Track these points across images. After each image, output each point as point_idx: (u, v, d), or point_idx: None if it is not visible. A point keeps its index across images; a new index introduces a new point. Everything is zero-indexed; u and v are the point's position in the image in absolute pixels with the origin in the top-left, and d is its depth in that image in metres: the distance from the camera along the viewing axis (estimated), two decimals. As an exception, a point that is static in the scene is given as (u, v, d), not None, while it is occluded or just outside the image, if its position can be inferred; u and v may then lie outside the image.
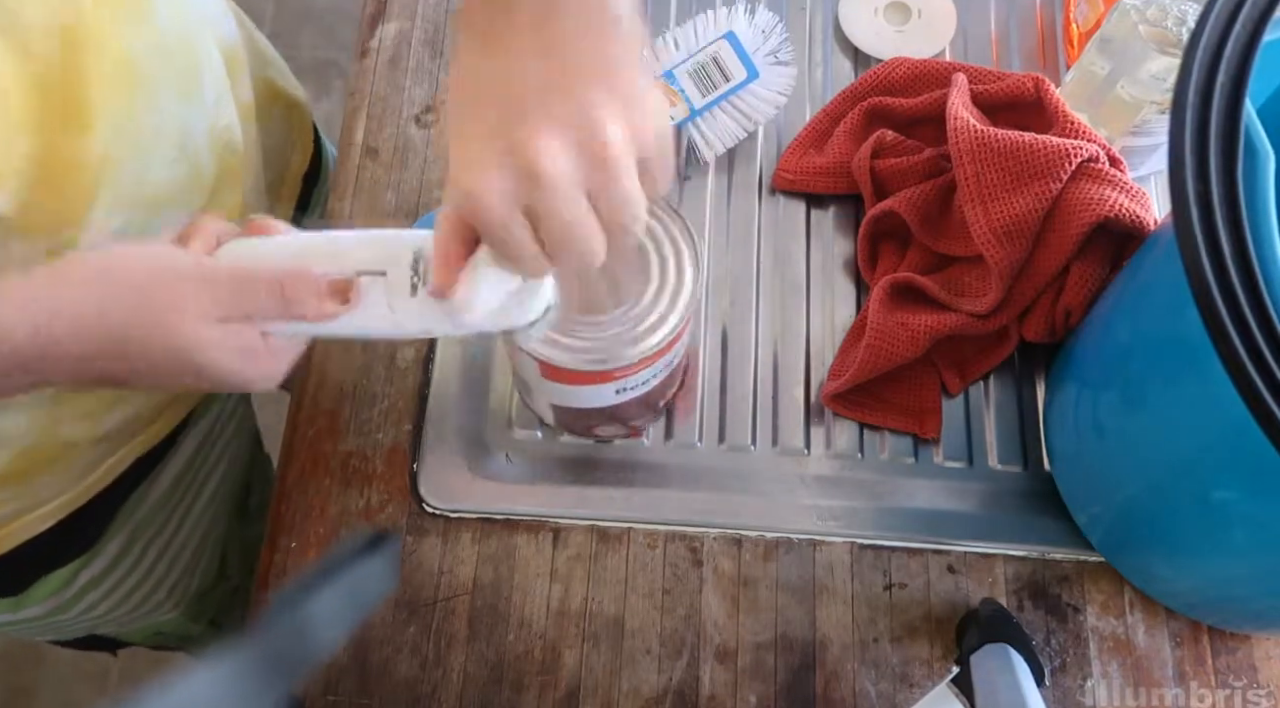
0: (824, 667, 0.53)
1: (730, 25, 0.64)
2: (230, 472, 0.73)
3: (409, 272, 0.39)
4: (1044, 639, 0.54)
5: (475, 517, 0.56)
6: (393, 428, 0.58)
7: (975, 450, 0.58)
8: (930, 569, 0.55)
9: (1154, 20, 0.55)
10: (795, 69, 0.65)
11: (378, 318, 0.39)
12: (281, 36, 1.65)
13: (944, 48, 0.69)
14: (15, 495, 0.53)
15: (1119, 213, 0.52)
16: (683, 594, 0.55)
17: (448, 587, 0.55)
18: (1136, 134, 0.60)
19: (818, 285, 0.63)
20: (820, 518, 0.56)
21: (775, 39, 0.64)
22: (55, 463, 0.53)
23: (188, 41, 0.50)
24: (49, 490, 0.55)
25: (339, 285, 0.39)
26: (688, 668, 0.53)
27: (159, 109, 0.47)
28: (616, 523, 0.56)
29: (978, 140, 0.56)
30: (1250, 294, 0.33)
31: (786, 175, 0.64)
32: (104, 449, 0.56)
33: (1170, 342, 0.44)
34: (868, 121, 0.64)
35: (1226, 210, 0.34)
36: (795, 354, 0.61)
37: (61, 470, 0.54)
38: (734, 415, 0.59)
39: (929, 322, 0.56)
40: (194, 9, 0.51)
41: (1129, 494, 0.51)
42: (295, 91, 0.70)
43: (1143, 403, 0.47)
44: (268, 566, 0.56)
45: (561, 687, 0.53)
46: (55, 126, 0.40)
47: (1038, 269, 0.56)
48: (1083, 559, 0.55)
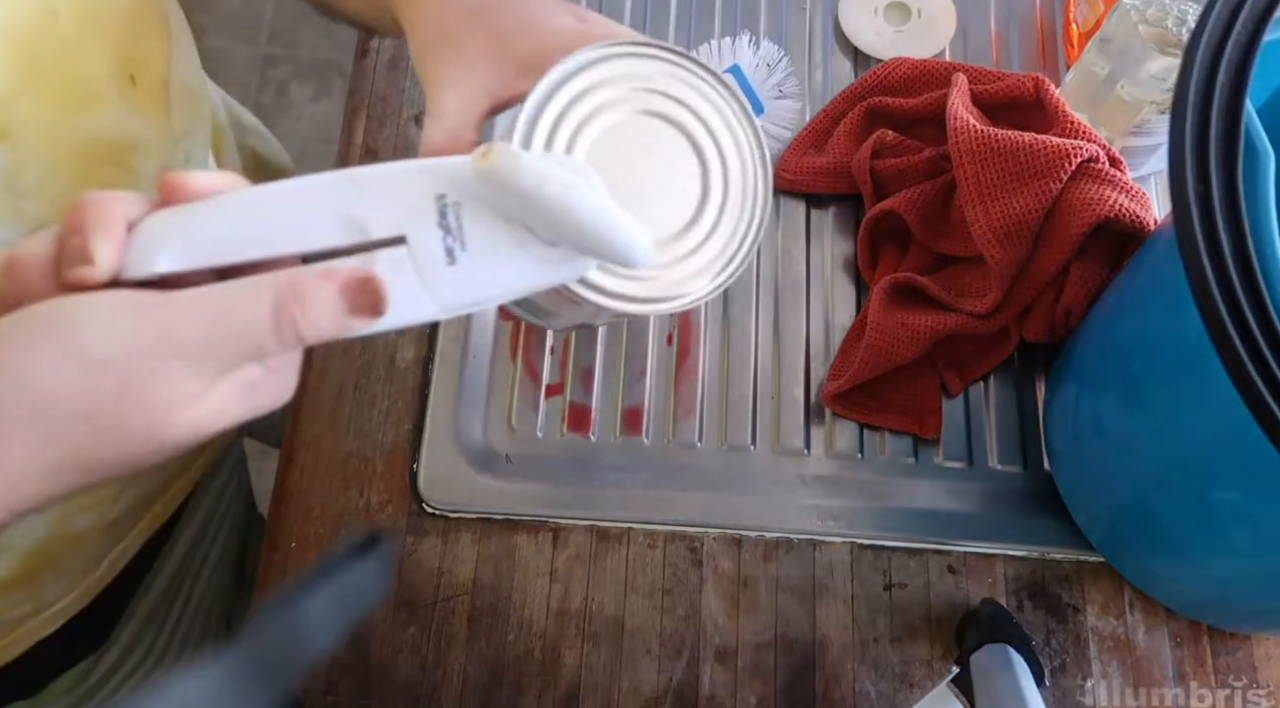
0: (824, 667, 0.53)
1: (735, 58, 0.64)
2: (229, 539, 0.72)
3: (437, 232, 0.29)
4: (1044, 639, 0.54)
5: (475, 517, 0.56)
6: (393, 428, 0.58)
7: (975, 450, 0.58)
8: (930, 569, 0.55)
9: (1154, 20, 0.55)
10: (800, 103, 0.65)
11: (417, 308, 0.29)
12: (281, 36, 1.65)
13: (944, 48, 0.69)
14: (25, 599, 0.51)
15: (1119, 213, 0.52)
16: (683, 594, 0.55)
17: (448, 587, 0.55)
18: (1136, 134, 0.60)
19: (818, 285, 0.63)
20: (820, 518, 0.56)
21: (780, 73, 0.64)
22: (62, 560, 0.52)
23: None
24: (57, 590, 0.53)
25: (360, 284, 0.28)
26: (687, 668, 0.53)
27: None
28: (616, 523, 0.56)
29: (978, 140, 0.56)
30: (1250, 294, 0.33)
31: (786, 175, 0.64)
32: (111, 538, 0.55)
33: (1170, 342, 0.44)
34: (868, 121, 0.64)
35: (1226, 210, 0.34)
36: (795, 354, 0.61)
37: (68, 567, 0.53)
38: (734, 415, 0.59)
39: (929, 322, 0.56)
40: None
41: (1129, 494, 0.51)
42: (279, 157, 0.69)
43: (1143, 403, 0.47)
44: (268, 566, 0.56)
45: (561, 687, 0.53)
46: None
47: (1038, 269, 0.56)
48: (1083, 559, 0.55)
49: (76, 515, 0.50)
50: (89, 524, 0.51)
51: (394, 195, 0.29)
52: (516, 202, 0.29)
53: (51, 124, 0.39)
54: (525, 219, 0.30)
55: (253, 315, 0.27)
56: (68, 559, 0.52)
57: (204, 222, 0.28)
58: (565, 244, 0.30)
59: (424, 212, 0.29)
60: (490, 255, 0.30)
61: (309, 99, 1.61)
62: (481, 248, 0.30)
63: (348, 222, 0.29)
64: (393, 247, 0.29)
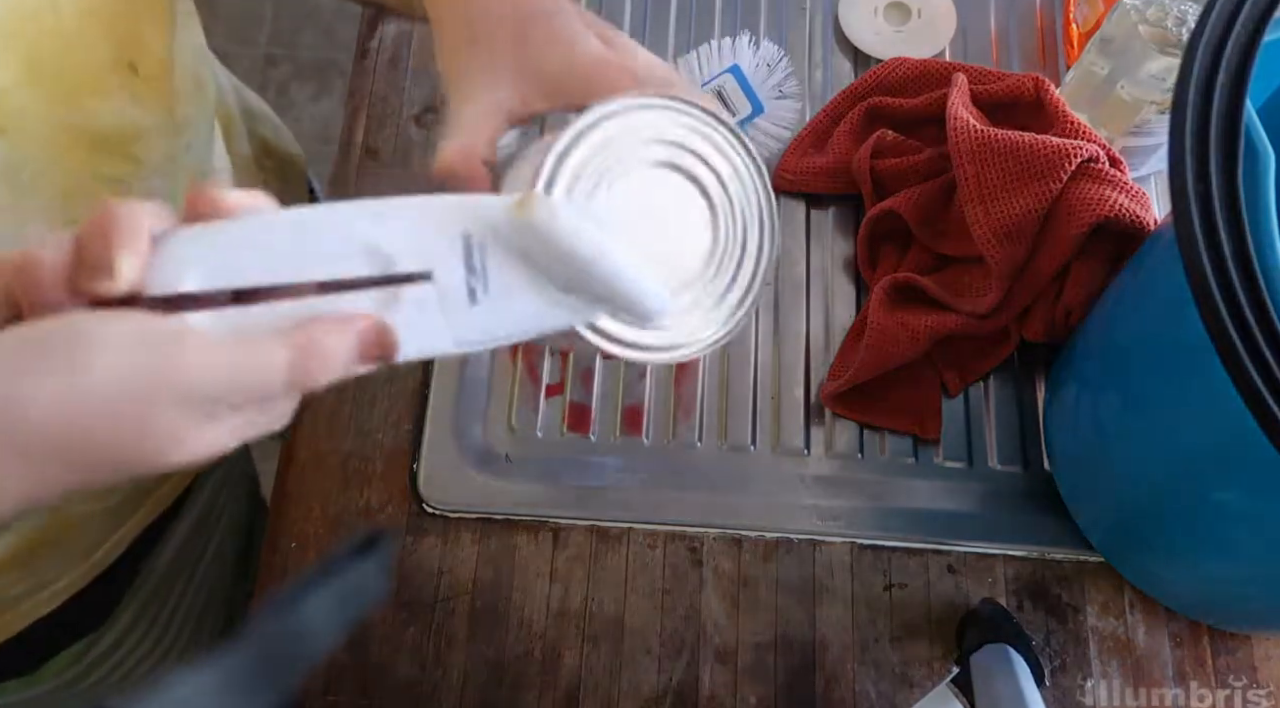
0: (824, 667, 0.53)
1: (735, 58, 0.64)
2: (232, 526, 0.72)
3: (461, 271, 0.30)
4: (1044, 639, 0.54)
5: (475, 517, 0.56)
6: (393, 428, 0.58)
7: (975, 450, 0.58)
8: (930, 569, 0.55)
9: (1154, 20, 0.55)
10: (800, 103, 0.65)
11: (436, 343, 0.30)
12: (281, 36, 1.65)
13: (944, 48, 0.69)
14: (22, 577, 0.52)
15: (1119, 213, 0.52)
16: (683, 594, 0.55)
17: (448, 587, 0.55)
18: (1136, 134, 0.60)
19: (818, 285, 0.63)
20: (820, 518, 0.56)
21: (780, 73, 0.64)
22: (61, 541, 0.52)
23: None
24: (56, 569, 0.54)
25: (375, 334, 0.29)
26: (687, 668, 0.53)
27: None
28: (616, 523, 0.56)
29: (978, 140, 0.56)
30: (1250, 294, 0.33)
31: (786, 176, 0.64)
32: (112, 523, 0.55)
33: (1170, 342, 0.44)
34: (868, 121, 0.64)
35: (1226, 210, 0.34)
36: (795, 354, 0.61)
37: (68, 548, 0.53)
38: (734, 415, 0.59)
39: (929, 322, 0.56)
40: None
41: (1129, 494, 0.51)
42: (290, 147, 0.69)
43: (1143, 403, 0.47)
44: (268, 566, 0.56)
45: (561, 687, 0.53)
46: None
47: (1038, 269, 0.56)
48: (1083, 559, 0.55)
49: (76, 501, 0.50)
50: (89, 509, 0.52)
51: (421, 230, 0.30)
52: (543, 249, 0.30)
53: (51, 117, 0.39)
54: (549, 267, 0.31)
55: (268, 368, 0.27)
56: (68, 541, 0.52)
57: (231, 244, 0.28)
58: (583, 293, 0.31)
59: (451, 250, 0.30)
60: (508, 298, 0.31)
61: (309, 99, 1.61)
62: (501, 290, 0.31)
63: (373, 254, 0.29)
64: (417, 283, 0.29)
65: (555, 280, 0.31)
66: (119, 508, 0.55)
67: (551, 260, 0.31)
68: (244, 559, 0.76)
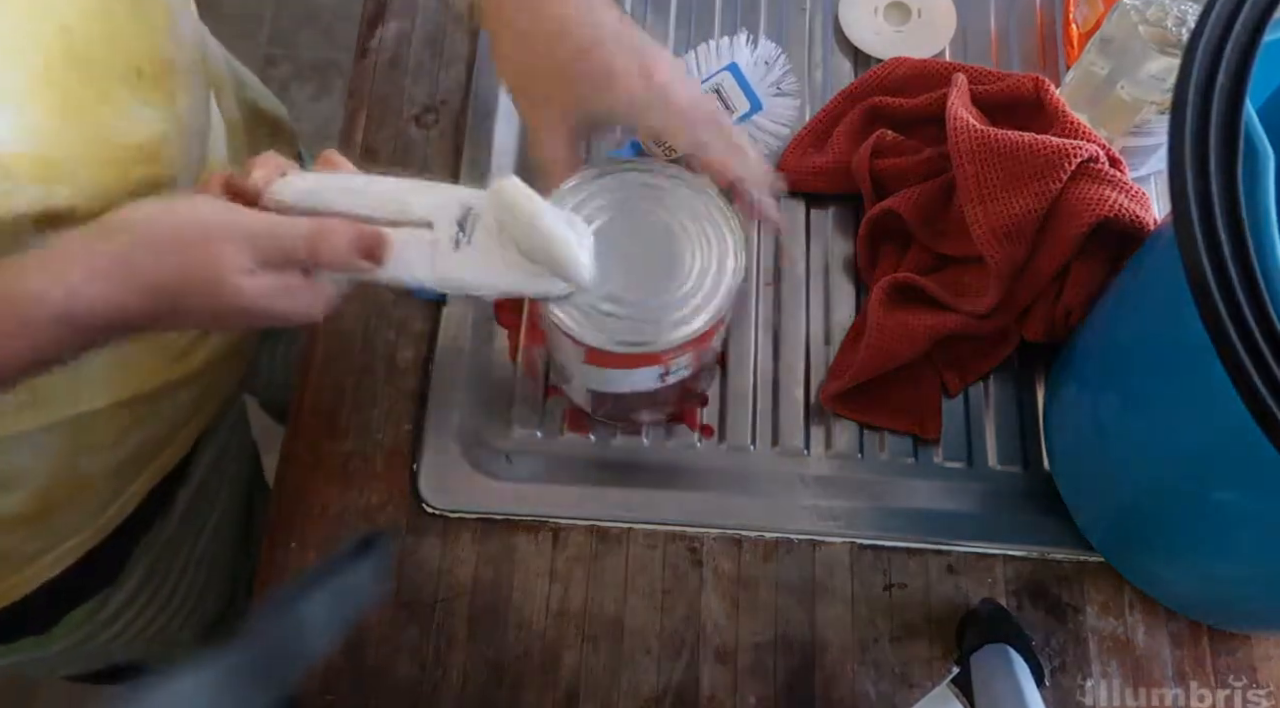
0: (824, 667, 0.53)
1: (733, 56, 0.64)
2: (233, 496, 0.73)
3: (454, 227, 0.41)
4: (1044, 639, 0.54)
5: (475, 517, 0.56)
6: (393, 428, 0.58)
7: (975, 450, 0.58)
8: (930, 569, 0.55)
9: (1154, 20, 0.55)
10: (798, 100, 0.65)
11: (418, 270, 0.41)
12: (281, 36, 1.65)
13: (944, 48, 0.69)
14: (35, 535, 0.53)
15: (1119, 213, 0.52)
16: (682, 594, 0.55)
17: (447, 587, 0.55)
18: (1136, 134, 0.60)
19: (818, 285, 0.63)
20: (820, 518, 0.56)
21: (778, 70, 0.65)
22: (72, 500, 0.53)
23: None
24: (68, 529, 0.55)
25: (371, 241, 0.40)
26: (687, 668, 0.53)
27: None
28: (616, 523, 0.56)
29: (978, 140, 0.56)
30: (1250, 294, 0.33)
31: (786, 175, 0.64)
32: (120, 481, 0.56)
33: (1170, 342, 0.44)
34: (868, 121, 0.64)
35: (1226, 210, 0.34)
36: (795, 354, 0.61)
37: (79, 507, 0.54)
38: (734, 415, 0.59)
39: (929, 322, 0.56)
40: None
41: (1129, 494, 0.51)
42: (277, 110, 0.71)
43: (1143, 403, 0.47)
44: (268, 566, 0.56)
45: (561, 687, 0.53)
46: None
47: (1038, 269, 0.56)
48: (1083, 559, 0.55)
49: (84, 455, 0.51)
50: (96, 468, 0.53)
51: (439, 199, 0.42)
52: (513, 222, 0.41)
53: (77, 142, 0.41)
54: (515, 233, 0.42)
55: (295, 235, 0.39)
56: (77, 500, 0.54)
57: (318, 185, 0.42)
58: (541, 264, 0.42)
59: (451, 212, 0.42)
60: (484, 255, 0.42)
61: (309, 99, 1.61)
62: (479, 245, 0.42)
63: (401, 205, 0.42)
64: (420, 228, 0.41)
65: (521, 246, 0.42)
66: (125, 466, 0.56)
67: (518, 233, 0.41)
68: (245, 528, 0.78)
